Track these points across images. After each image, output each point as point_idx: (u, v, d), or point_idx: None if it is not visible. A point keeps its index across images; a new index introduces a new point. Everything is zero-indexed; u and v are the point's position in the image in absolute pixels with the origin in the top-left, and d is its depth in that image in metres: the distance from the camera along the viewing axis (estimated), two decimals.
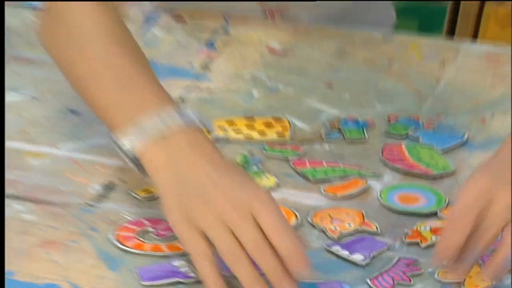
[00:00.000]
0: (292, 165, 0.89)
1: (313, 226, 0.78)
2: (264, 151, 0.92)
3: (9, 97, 0.97)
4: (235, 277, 0.62)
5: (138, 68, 0.83)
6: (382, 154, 0.92)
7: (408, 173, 0.89)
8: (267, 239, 0.62)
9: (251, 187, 0.69)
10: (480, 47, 1.29)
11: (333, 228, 0.77)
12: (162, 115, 0.74)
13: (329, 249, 0.73)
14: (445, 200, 0.80)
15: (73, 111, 0.96)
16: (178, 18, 1.28)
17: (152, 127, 0.73)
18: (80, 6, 0.90)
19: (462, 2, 2.14)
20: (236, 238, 0.63)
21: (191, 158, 0.73)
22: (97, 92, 0.84)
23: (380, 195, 0.83)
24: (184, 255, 0.66)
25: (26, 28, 1.16)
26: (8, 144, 0.88)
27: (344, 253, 0.71)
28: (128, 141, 0.72)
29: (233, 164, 0.80)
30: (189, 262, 0.66)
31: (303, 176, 0.88)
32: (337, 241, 0.74)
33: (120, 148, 0.73)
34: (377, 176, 0.88)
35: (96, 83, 0.84)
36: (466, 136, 0.96)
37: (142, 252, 0.69)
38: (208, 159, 0.73)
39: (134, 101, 0.80)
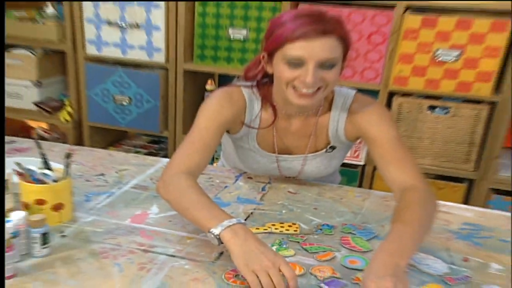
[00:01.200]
0: (301, 245, 1.29)
1: (311, 274, 1.16)
2: (288, 238, 1.32)
3: None
4: None
5: (211, 202, 1.26)
6: (341, 240, 1.32)
7: (352, 250, 1.28)
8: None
9: (277, 254, 1.11)
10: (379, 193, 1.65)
11: (320, 274, 1.16)
12: (227, 220, 1.15)
13: (319, 285, 1.12)
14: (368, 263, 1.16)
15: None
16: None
17: (225, 224, 1.14)
18: (181, 178, 1.33)
19: None
20: (270, 278, 1.04)
21: (245, 237, 1.12)
22: (195, 213, 1.24)
23: (340, 260, 1.23)
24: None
25: None
26: None
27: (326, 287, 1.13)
28: (216, 230, 1.14)
29: (264, 242, 1.14)
30: None
31: (305, 250, 1.26)
32: (322, 281, 1.13)
33: (212, 236, 1.14)
34: (339, 250, 1.27)
35: (195, 210, 1.25)
36: (376, 233, 1.37)
37: (241, 285, 1.11)
38: (254, 238, 1.13)
39: (214, 216, 1.19)
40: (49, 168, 1.34)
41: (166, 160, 1.74)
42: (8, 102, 2.98)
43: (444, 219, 1.47)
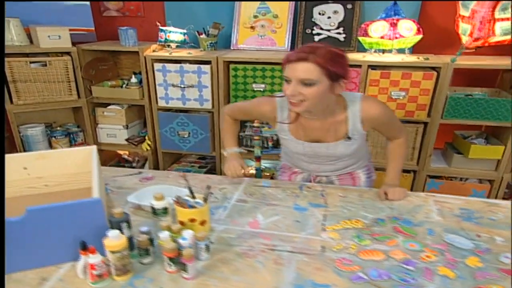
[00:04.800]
0: (371, 236, 1.18)
1: (390, 257, 1.07)
2: (360, 231, 1.21)
3: None
4: None
5: (230, 134, 1.67)
6: (394, 229, 1.21)
7: (405, 235, 1.17)
8: None
9: (240, 166, 1.61)
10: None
11: (397, 257, 1.07)
12: (229, 148, 1.60)
13: (400, 265, 1.05)
14: None
15: None
16: None
17: (227, 150, 1.62)
18: (227, 116, 1.66)
19: None
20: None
21: (232, 157, 1.61)
22: (223, 138, 1.69)
23: (402, 244, 1.14)
24: None
25: None
26: None
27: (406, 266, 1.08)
28: (224, 152, 1.62)
29: (239, 160, 1.61)
30: None
31: (376, 239, 1.16)
32: (401, 262, 1.06)
33: (224, 153, 1.63)
34: (397, 237, 1.17)
35: (223, 136, 1.68)
36: (413, 222, 1.26)
37: (350, 270, 1.03)
38: (236, 158, 1.60)
39: (226, 144, 1.63)
40: (193, 196, 1.21)
41: (245, 179, 1.62)
42: (108, 140, 2.86)
43: (447, 207, 1.40)
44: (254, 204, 1.38)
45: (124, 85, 2.74)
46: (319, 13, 2.62)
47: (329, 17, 2.62)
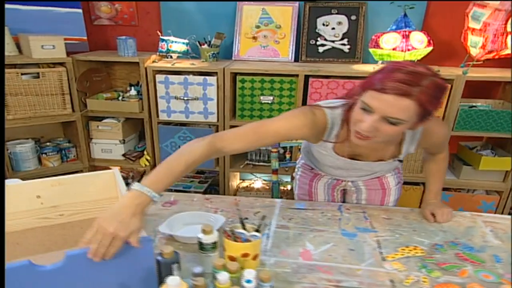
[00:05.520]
0: (437, 265, 1.07)
1: None
2: (424, 261, 1.09)
3: None
4: None
5: (171, 173, 0.96)
6: (457, 256, 1.10)
7: (473, 264, 1.07)
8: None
9: (128, 230, 0.82)
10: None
11: None
12: (150, 186, 0.89)
13: None
14: None
15: None
16: None
17: (140, 186, 0.89)
18: (204, 143, 1.05)
19: None
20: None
21: (131, 205, 0.87)
22: (160, 166, 0.97)
23: (475, 274, 1.02)
24: None
25: None
26: None
27: None
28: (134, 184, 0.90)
29: (136, 216, 0.86)
30: None
31: (444, 269, 1.05)
32: None
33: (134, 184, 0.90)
34: (465, 266, 1.06)
35: (162, 164, 0.97)
36: (474, 247, 1.16)
37: None
38: (130, 208, 0.85)
39: (153, 177, 0.93)
40: (244, 228, 1.06)
41: (276, 200, 1.47)
42: (102, 156, 2.63)
43: (499, 228, 1.31)
44: (297, 231, 1.24)
45: (120, 97, 2.54)
46: (323, 24, 2.55)
47: (333, 28, 2.55)
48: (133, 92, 2.48)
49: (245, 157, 2.63)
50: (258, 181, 2.91)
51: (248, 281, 0.88)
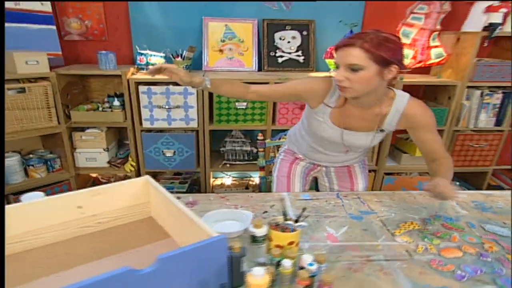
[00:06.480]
0: (434, 235, 1.16)
1: (464, 252, 1.11)
2: (422, 233, 1.18)
3: None
4: None
5: (225, 81, 1.38)
6: (443, 226, 1.21)
7: (456, 230, 1.18)
8: None
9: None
10: (413, 192, 1.59)
11: (470, 251, 1.08)
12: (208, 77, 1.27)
13: (480, 259, 1.05)
14: None
15: None
16: None
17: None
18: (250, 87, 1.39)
19: None
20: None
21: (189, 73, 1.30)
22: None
23: (462, 238, 1.13)
24: None
25: None
26: None
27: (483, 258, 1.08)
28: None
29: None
30: None
31: (439, 237, 1.15)
32: (480, 255, 1.08)
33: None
34: (452, 233, 1.16)
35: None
36: (453, 217, 1.28)
37: None
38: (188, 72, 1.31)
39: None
40: (287, 219, 1.10)
41: (283, 194, 1.50)
42: (87, 164, 2.46)
43: (461, 201, 1.46)
44: (314, 218, 1.29)
45: (99, 108, 2.40)
46: (280, 38, 2.64)
47: (288, 42, 2.64)
48: (116, 102, 2.35)
49: (222, 158, 2.63)
50: (228, 179, 2.92)
51: (311, 264, 0.91)
